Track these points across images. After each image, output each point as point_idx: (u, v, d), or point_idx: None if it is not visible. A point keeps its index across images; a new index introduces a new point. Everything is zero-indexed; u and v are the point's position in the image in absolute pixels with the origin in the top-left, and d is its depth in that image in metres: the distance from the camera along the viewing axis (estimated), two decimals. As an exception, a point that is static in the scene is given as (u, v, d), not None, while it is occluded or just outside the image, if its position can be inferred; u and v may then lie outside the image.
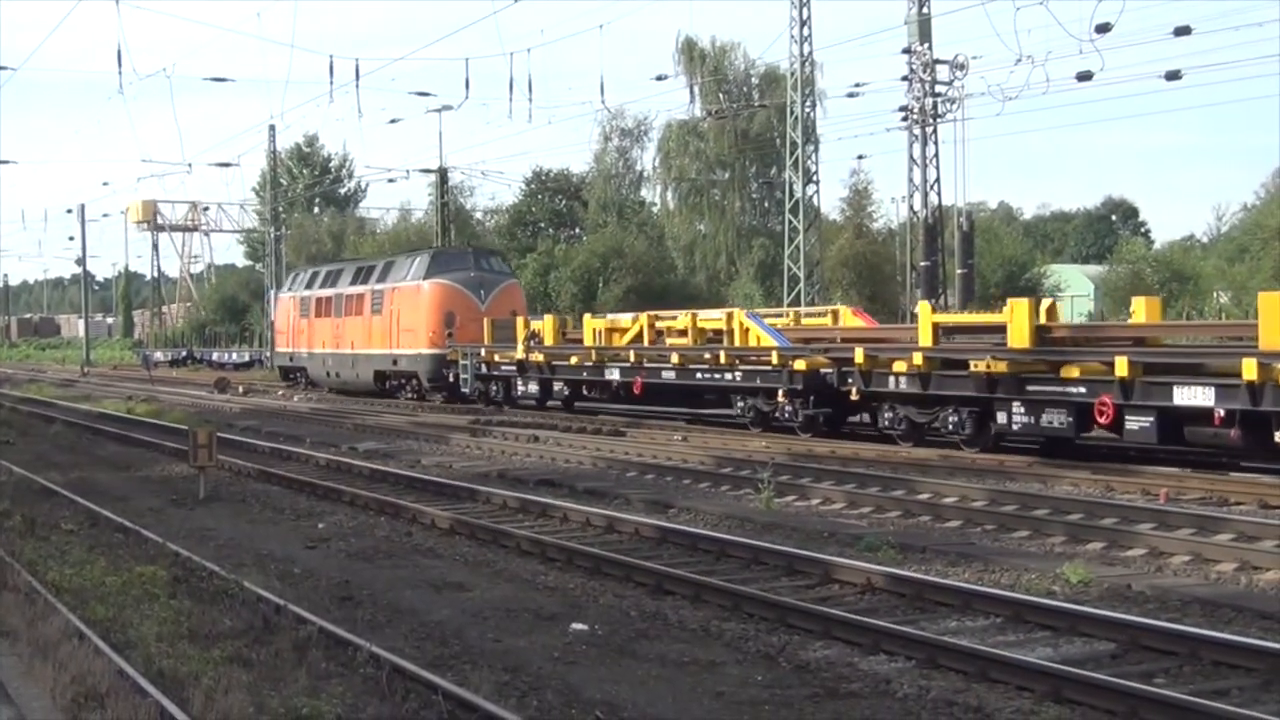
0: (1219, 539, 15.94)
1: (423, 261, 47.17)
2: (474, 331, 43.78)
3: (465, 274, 46.12)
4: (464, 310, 44.96)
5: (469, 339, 43.68)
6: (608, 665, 10.95)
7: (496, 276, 47.52)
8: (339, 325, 51.78)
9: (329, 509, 20.93)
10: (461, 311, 44.93)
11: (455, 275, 45.97)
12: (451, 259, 48.20)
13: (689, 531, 17.12)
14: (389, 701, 9.78)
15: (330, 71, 53.92)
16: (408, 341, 46.04)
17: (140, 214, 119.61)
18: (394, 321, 46.89)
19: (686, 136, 77.68)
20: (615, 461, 26.28)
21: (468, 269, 46.64)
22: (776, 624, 12.18)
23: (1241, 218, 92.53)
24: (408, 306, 46.28)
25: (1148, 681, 9.87)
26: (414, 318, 45.73)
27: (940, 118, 44.44)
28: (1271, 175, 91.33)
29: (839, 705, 9.67)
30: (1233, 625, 11.90)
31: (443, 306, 45.09)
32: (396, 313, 46.82)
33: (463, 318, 44.75)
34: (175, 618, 12.50)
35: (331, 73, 53.98)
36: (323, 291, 54.50)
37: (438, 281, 45.70)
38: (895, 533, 17.06)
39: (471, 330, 44.03)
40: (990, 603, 12.58)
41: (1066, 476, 21.82)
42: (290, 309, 57.96)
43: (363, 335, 49.48)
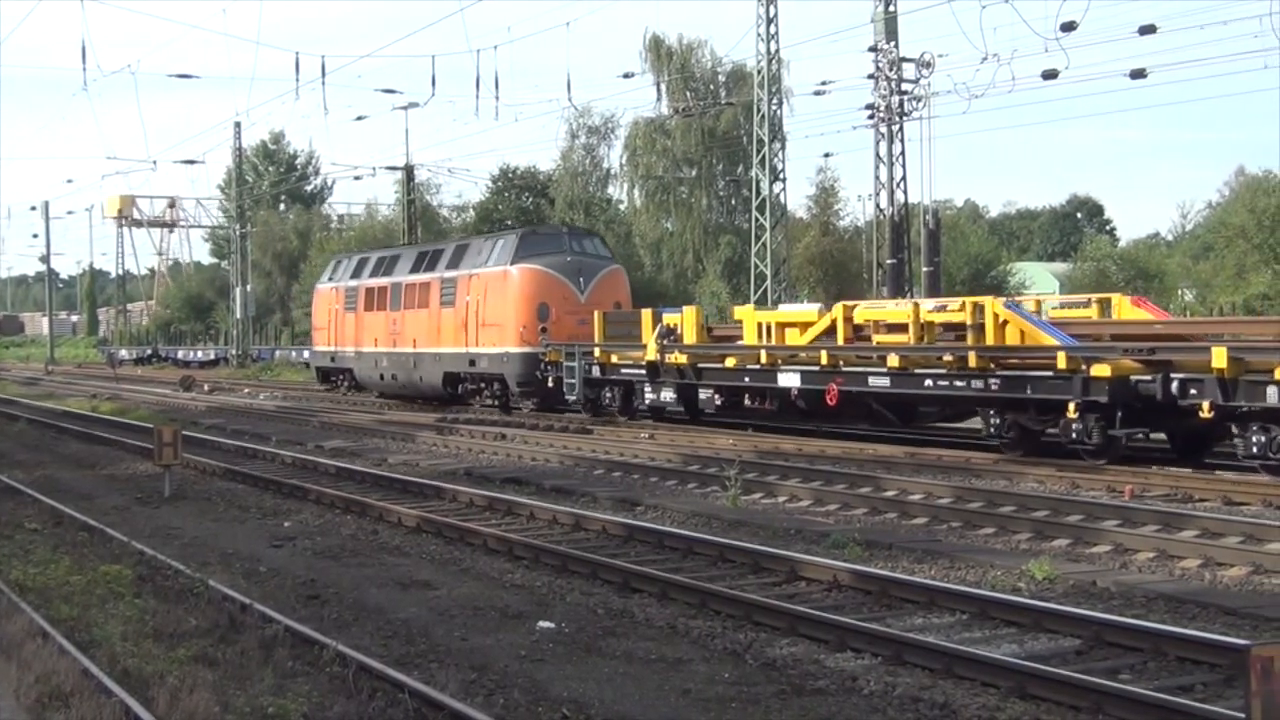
0: (1183, 535, 16.02)
1: (509, 244, 39.87)
2: (571, 326, 37.69)
3: (561, 258, 39.02)
4: (560, 301, 38.30)
5: (566, 335, 37.17)
6: (574, 663, 10.95)
7: (597, 261, 40.22)
8: (396, 320, 44.82)
9: (295, 507, 20.88)
10: (557, 303, 38.24)
11: (549, 260, 38.83)
12: (544, 240, 40.66)
13: (656, 529, 17.13)
14: (355, 700, 9.75)
15: (296, 68, 53.76)
16: (489, 338, 39.11)
17: (117, 208, 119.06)
18: (471, 315, 40.05)
19: (653, 134, 77.64)
20: (582, 459, 26.29)
21: (563, 252, 39.51)
22: (743, 621, 12.19)
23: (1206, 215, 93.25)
24: (490, 297, 39.34)
25: (1112, 678, 9.91)
26: (499, 310, 38.81)
27: (906, 116, 44.50)
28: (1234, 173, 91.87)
29: (805, 702, 9.68)
30: (1197, 621, 11.96)
31: (535, 297, 38.20)
32: (475, 304, 39.91)
33: (558, 310, 38.16)
34: (140, 617, 12.46)
35: (297, 70, 53.83)
36: (375, 281, 47.30)
37: (529, 267, 38.55)
38: (862, 530, 17.08)
39: (569, 325, 37.82)
40: (956, 600, 12.62)
41: (1032, 474, 21.90)
42: (332, 302, 50.56)
43: (428, 331, 42.60)
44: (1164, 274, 69.24)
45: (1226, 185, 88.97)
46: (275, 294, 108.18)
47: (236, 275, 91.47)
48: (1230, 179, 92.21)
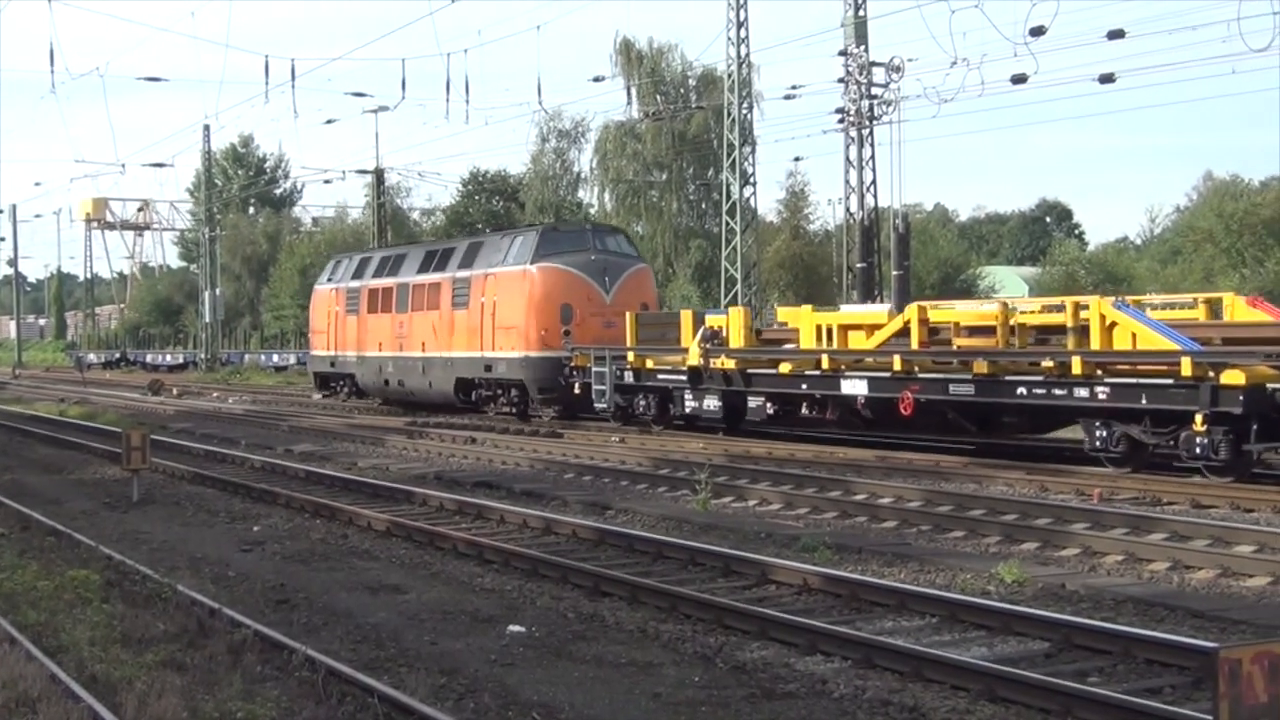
0: (1152, 539, 16.08)
1: (528, 241, 37.16)
2: (596, 329, 35.18)
3: (584, 257, 36.39)
4: (583, 303, 35.70)
5: (590, 338, 34.63)
6: (545, 667, 10.94)
7: (622, 260, 37.54)
8: (403, 322, 42.06)
9: (264, 511, 20.82)
10: (580, 304, 35.65)
11: (572, 258, 36.21)
12: (565, 238, 37.93)
13: (626, 533, 17.11)
14: (325, 705, 9.74)
15: (266, 71, 53.82)
16: (507, 342, 36.42)
17: (90, 211, 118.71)
18: (486, 317, 37.32)
19: (624, 138, 77.71)
20: (553, 463, 26.27)
21: (586, 250, 36.81)
22: (713, 625, 12.19)
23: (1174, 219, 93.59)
24: (508, 298, 36.64)
25: (1081, 680, 9.95)
26: (517, 312, 36.06)
27: (876, 120, 44.61)
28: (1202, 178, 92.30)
29: (775, 706, 9.69)
30: (1165, 624, 11.99)
31: (557, 298, 35.62)
32: (490, 306, 37.17)
33: (582, 312, 35.55)
34: (108, 622, 12.41)
35: (267, 73, 53.97)
36: (379, 281, 44.48)
37: (551, 266, 35.93)
38: (832, 533, 17.12)
39: (594, 327, 35.28)
40: (926, 603, 12.64)
41: (1001, 477, 21.97)
42: (331, 304, 47.63)
43: (439, 335, 39.91)
44: (1132, 278, 69.54)
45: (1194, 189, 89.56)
46: (244, 298, 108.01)
47: (205, 279, 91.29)
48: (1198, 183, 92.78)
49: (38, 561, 15.77)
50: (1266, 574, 14.05)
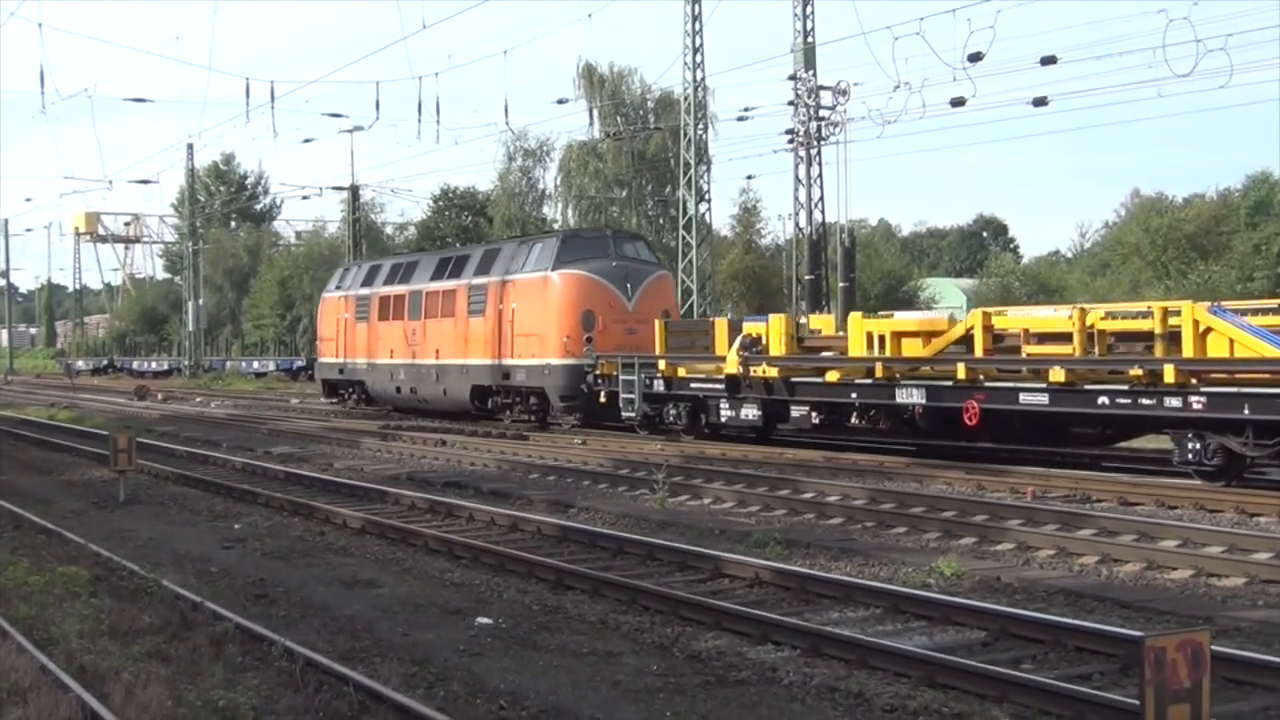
0: (1082, 534, 16.15)
1: (548, 248, 35.00)
2: (619, 336, 33.13)
3: (605, 263, 34.18)
4: (606, 310, 33.54)
5: (612, 345, 32.60)
6: (511, 656, 10.93)
7: (643, 267, 35.34)
8: (416, 330, 39.92)
9: (245, 510, 20.73)
10: (603, 311, 33.47)
11: (594, 265, 34.01)
12: (586, 244, 35.47)
13: (588, 530, 17.11)
14: (303, 693, 9.70)
15: (246, 93, 53.40)
16: (527, 349, 34.30)
17: (83, 225, 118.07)
18: (505, 324, 35.21)
19: (586, 157, 77.67)
20: (518, 464, 26.23)
21: (608, 257, 34.55)
22: (670, 616, 12.19)
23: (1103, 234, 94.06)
24: (528, 305, 34.50)
25: (1016, 667, 9.99)
26: (538, 319, 34.03)
27: (824, 140, 44.72)
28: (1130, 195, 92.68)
29: (729, 692, 9.70)
30: (1094, 614, 12.06)
31: (579, 305, 33.45)
32: (509, 313, 35.05)
33: (605, 319, 33.40)
34: (96, 615, 12.33)
35: (248, 94, 53.40)
36: (390, 289, 42.14)
37: (573, 273, 33.76)
38: (782, 529, 17.14)
39: (616, 334, 33.21)
40: (870, 595, 12.66)
41: (941, 476, 22.04)
42: (341, 311, 45.09)
43: (454, 342, 37.69)
44: (1064, 289, 69.88)
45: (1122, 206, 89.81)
46: (226, 308, 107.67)
47: (189, 290, 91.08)
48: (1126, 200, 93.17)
49: (29, 558, 15.66)
50: (1189, 567, 14.13)
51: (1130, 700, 7.48)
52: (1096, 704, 8.81)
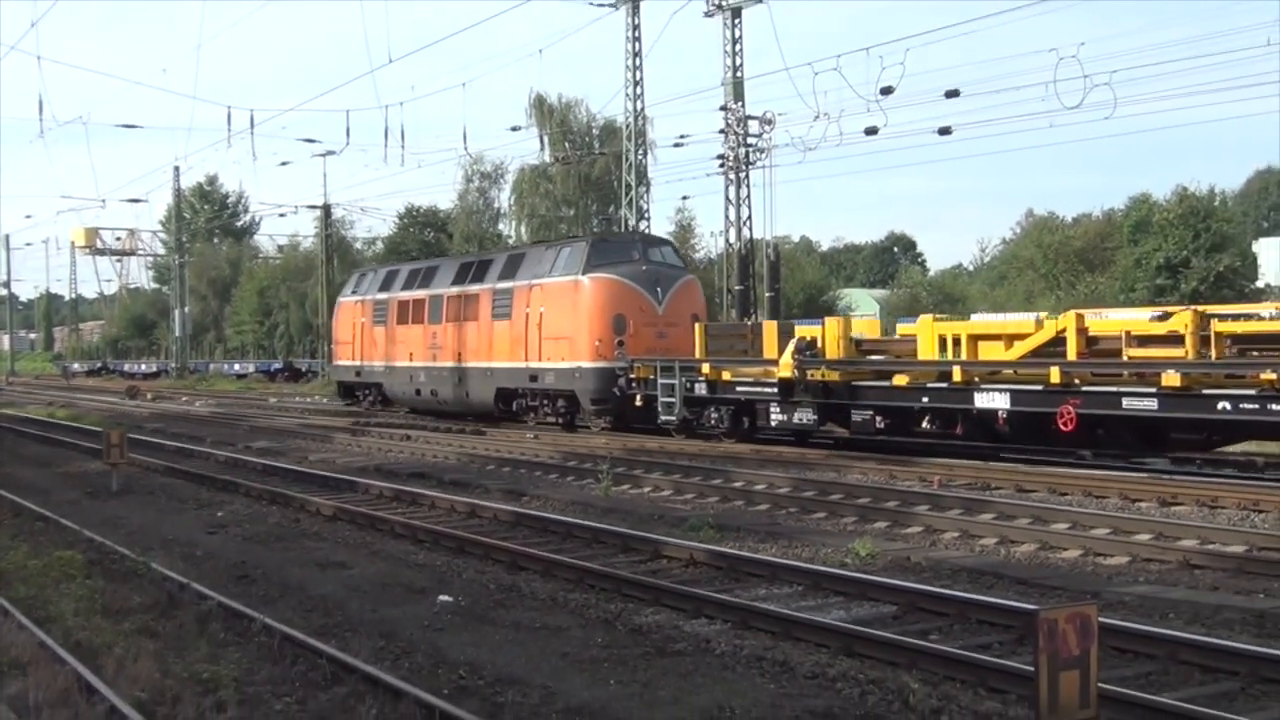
0: (983, 518, 16.24)
1: (577, 252, 32.22)
2: (649, 339, 30.63)
3: (636, 267, 31.54)
4: (636, 313, 30.87)
5: (643, 349, 30.14)
6: (470, 631, 10.89)
7: (672, 271, 32.70)
8: (437, 333, 37.08)
9: (227, 499, 20.58)
10: (634, 315, 30.80)
11: (624, 269, 31.41)
12: (616, 248, 32.85)
13: (540, 516, 17.07)
14: (280, 665, 9.65)
15: (228, 120, 53.24)
16: (556, 352, 31.61)
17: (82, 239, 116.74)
18: (532, 328, 32.53)
19: (537, 179, 77.58)
20: (476, 457, 26.16)
21: (637, 261, 31.91)
22: (614, 594, 12.19)
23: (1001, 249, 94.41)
24: (557, 309, 31.83)
25: (924, 638, 10.03)
26: (568, 323, 31.37)
27: (751, 164, 44.87)
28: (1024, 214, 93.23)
29: (666, 662, 9.70)
30: (994, 590, 12.14)
31: (610, 309, 30.81)
32: (537, 316, 32.39)
33: (635, 323, 30.75)
34: (90, 595, 12.22)
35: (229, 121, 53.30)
36: (409, 293, 39.34)
37: (604, 277, 31.08)
38: (714, 515, 17.15)
39: (647, 338, 30.70)
40: (793, 573, 12.70)
41: (856, 466, 22.10)
42: (357, 315, 42.22)
43: (478, 345, 34.96)
44: (966, 298, 70.17)
45: (1018, 224, 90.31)
46: (210, 315, 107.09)
47: (176, 299, 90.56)
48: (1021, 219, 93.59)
49: (28, 543, 15.48)
50: (1078, 547, 14.24)
51: (1026, 667, 7.52)
52: (996, 670, 8.87)
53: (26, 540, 15.87)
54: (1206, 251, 58.42)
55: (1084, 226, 71.14)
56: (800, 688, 8.93)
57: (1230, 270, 58.57)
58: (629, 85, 47.59)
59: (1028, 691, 6.93)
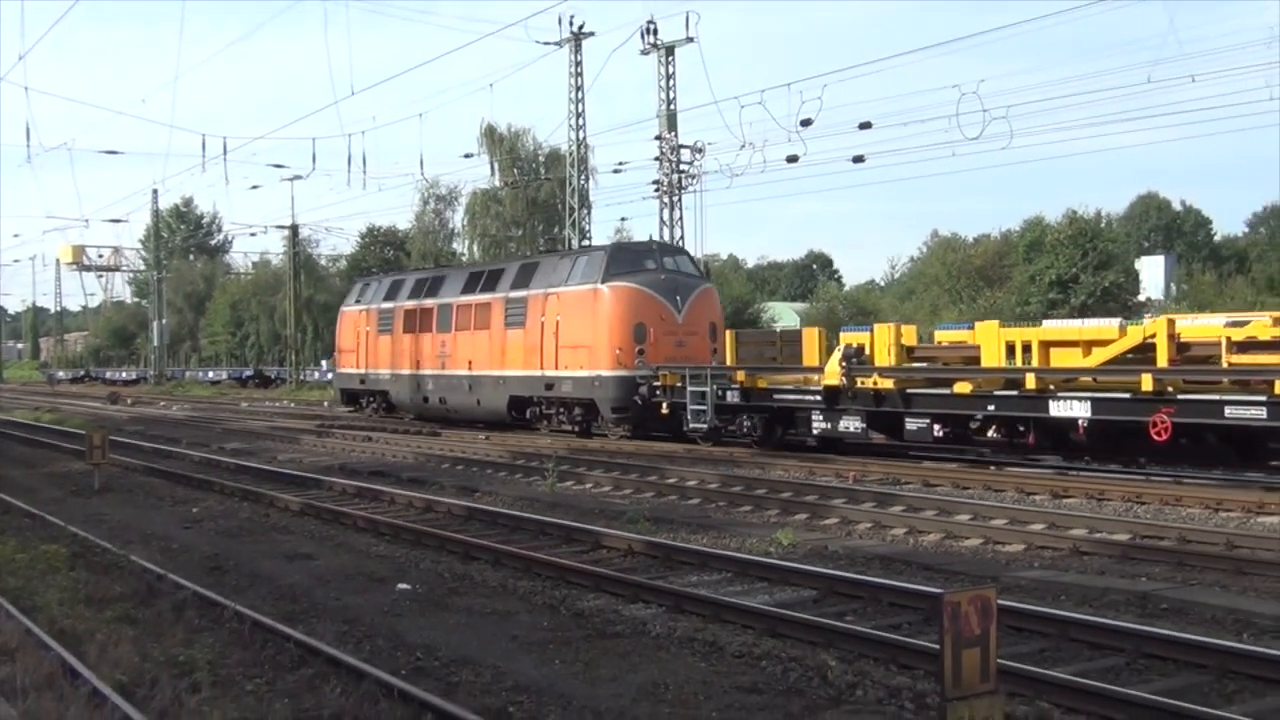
0: (893, 510, 16.33)
1: (595, 261, 29.86)
2: (669, 348, 28.33)
3: (655, 276, 29.18)
4: (657, 322, 28.52)
5: (663, 357, 27.86)
6: (426, 616, 10.83)
7: (691, 280, 30.14)
8: (445, 341, 34.46)
9: (202, 496, 20.35)
10: (654, 323, 28.46)
11: (643, 278, 29.02)
12: (634, 257, 30.21)
13: (490, 510, 17.02)
14: (251, 649, 9.56)
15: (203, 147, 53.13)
16: (574, 360, 29.30)
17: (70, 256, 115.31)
18: (547, 336, 30.13)
19: (488, 202, 77.41)
20: (432, 456, 26.02)
21: (657, 270, 29.48)
22: (559, 581, 12.16)
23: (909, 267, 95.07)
24: (574, 317, 29.44)
25: (841, 619, 10.08)
26: (587, 331, 29.02)
27: (684, 189, 45.02)
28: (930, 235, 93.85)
29: (607, 643, 9.69)
30: (903, 575, 12.20)
31: (630, 317, 28.44)
32: (553, 325, 29.98)
33: (656, 331, 28.40)
34: (74, 586, 12.05)
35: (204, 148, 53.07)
36: (415, 302, 36.51)
37: (624, 285, 28.69)
38: (650, 509, 17.15)
39: (666, 346, 28.37)
40: (722, 561, 12.71)
41: (779, 464, 22.16)
42: (361, 324, 39.28)
43: (489, 354, 32.42)
44: (878, 311, 70.58)
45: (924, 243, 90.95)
46: (186, 326, 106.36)
47: (154, 312, 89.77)
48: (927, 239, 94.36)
49: (15, 538, 15.24)
50: (979, 537, 14.35)
51: (932, 645, 7.57)
52: (905, 648, 8.92)
53: (14, 535, 15.63)
54: (1094, 269, 59.17)
55: (984, 246, 71.83)
56: (729, 666, 8.95)
57: (1115, 286, 59.36)
58: (572, 116, 47.60)
59: (934, 667, 6.97)
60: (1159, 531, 14.02)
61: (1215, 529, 14.04)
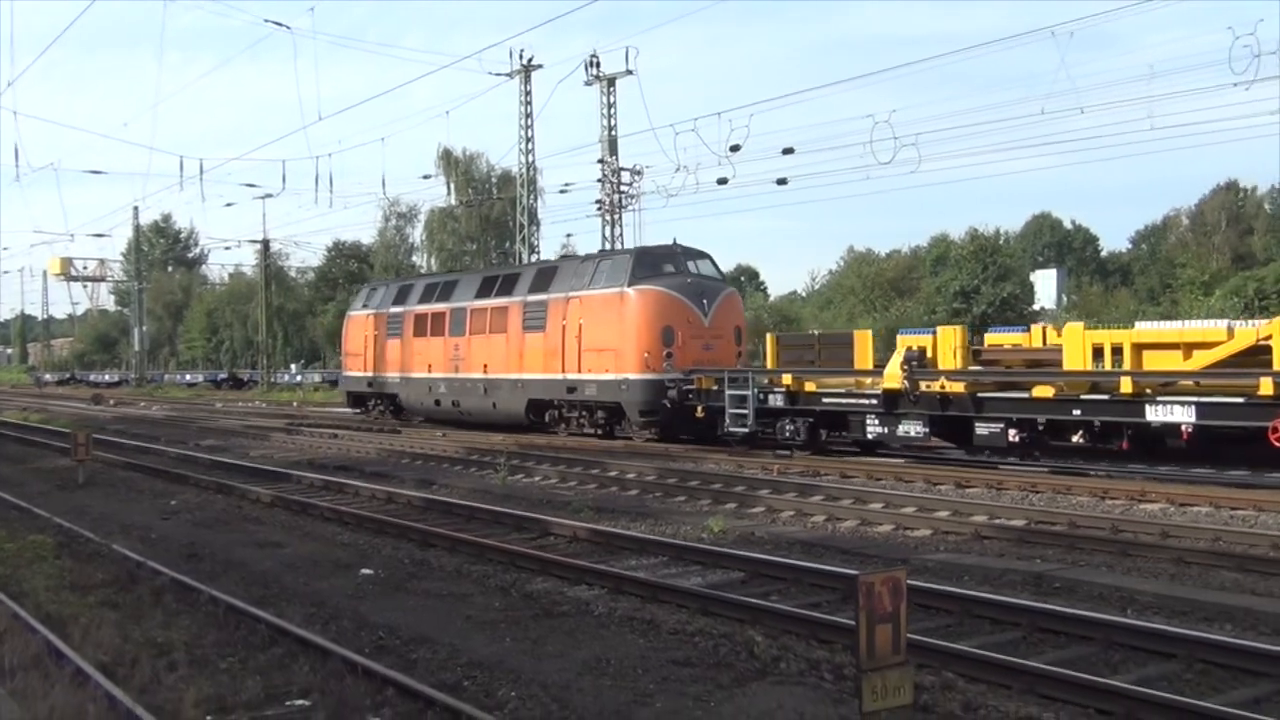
0: (813, 499, 16.41)
1: (620, 264, 27.59)
2: (696, 351, 26.23)
3: (682, 279, 27.02)
4: (684, 325, 26.36)
5: (691, 360, 25.81)
6: (387, 599, 10.75)
7: (715, 284, 27.95)
8: (459, 345, 32.12)
9: (179, 489, 20.08)
10: (681, 327, 26.29)
11: (670, 281, 26.87)
12: (659, 260, 27.72)
13: (447, 501, 16.92)
14: (225, 630, 9.44)
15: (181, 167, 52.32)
16: (599, 364, 27.07)
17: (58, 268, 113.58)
18: (569, 339, 27.95)
19: (445, 219, 77.18)
20: (394, 452, 25.83)
21: (683, 274, 27.31)
22: (509, 566, 12.11)
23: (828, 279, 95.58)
24: (599, 321, 27.22)
25: (766, 598, 10.12)
26: (613, 334, 26.80)
27: (624, 208, 45.06)
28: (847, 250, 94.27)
29: (553, 622, 9.66)
30: (823, 558, 12.26)
31: (659, 320, 26.27)
32: (575, 328, 27.77)
33: (683, 334, 26.25)
34: (59, 573, 11.85)
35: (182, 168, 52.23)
36: (426, 306, 34.02)
37: (652, 289, 26.48)
38: (593, 499, 17.14)
39: (694, 349, 26.24)
40: (659, 547, 12.73)
41: (710, 457, 22.20)
42: (368, 328, 36.62)
43: (506, 357, 30.12)
44: (800, 320, 71.04)
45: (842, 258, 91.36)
46: (165, 333, 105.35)
47: (135, 319, 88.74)
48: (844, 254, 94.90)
49: (4, 529, 14.94)
50: (891, 523, 14.45)
51: (848, 622, 7.61)
52: (824, 625, 8.97)
53: (3, 526, 15.33)
54: (993, 281, 59.84)
55: (895, 260, 72.53)
56: (665, 642, 8.95)
57: (1012, 296, 60.07)
58: (522, 141, 47.49)
59: (850, 642, 7.00)
60: (1052, 517, 14.17)
61: (1102, 515, 14.23)
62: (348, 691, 7.62)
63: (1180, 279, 59.39)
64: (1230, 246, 69.83)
